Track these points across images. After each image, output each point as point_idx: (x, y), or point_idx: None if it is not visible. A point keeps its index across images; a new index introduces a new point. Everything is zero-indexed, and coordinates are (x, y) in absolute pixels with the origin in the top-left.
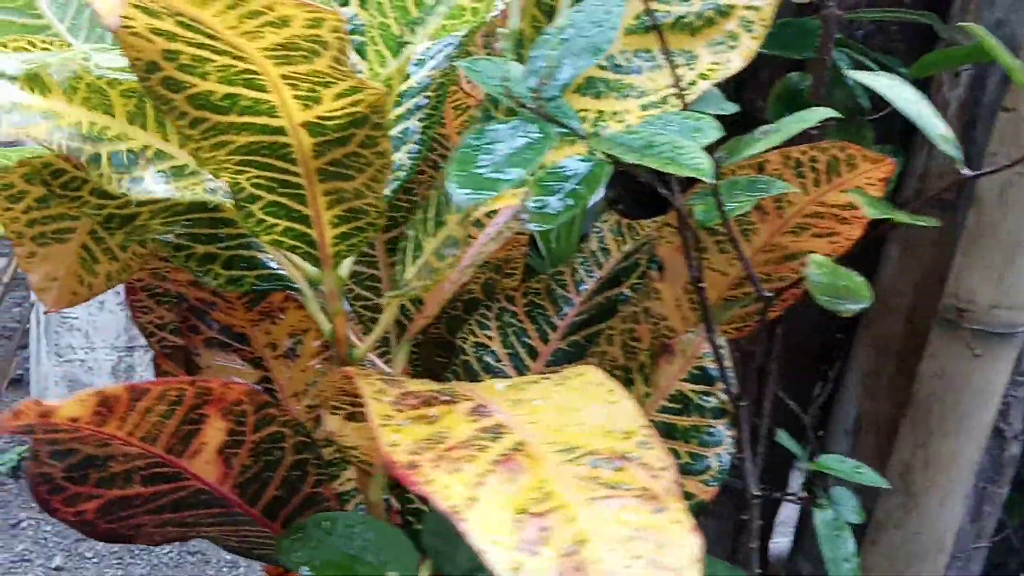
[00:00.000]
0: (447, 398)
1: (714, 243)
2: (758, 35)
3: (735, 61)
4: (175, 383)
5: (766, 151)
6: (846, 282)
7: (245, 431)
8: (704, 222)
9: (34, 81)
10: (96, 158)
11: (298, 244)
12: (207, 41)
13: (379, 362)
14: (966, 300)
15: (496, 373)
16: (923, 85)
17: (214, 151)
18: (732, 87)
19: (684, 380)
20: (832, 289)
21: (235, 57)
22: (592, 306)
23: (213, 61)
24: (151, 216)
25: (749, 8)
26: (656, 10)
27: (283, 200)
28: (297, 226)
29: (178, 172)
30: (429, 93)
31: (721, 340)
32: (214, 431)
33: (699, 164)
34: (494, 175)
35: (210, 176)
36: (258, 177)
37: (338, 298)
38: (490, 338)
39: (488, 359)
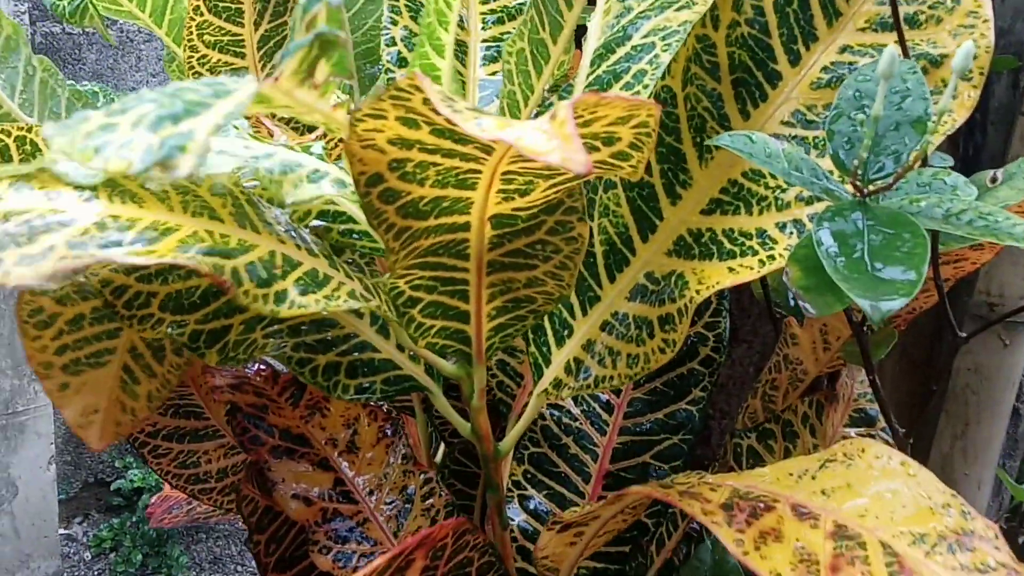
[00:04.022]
0: (762, 505)
1: None
2: (977, 84)
3: (957, 112)
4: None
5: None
6: None
7: (439, 565)
8: None
9: (114, 188)
10: (236, 274)
11: (450, 343)
12: (451, 146)
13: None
14: (997, 295)
15: (577, 434)
16: None
17: (406, 259)
18: None
19: (846, 425)
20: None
21: (465, 158)
22: None
23: (438, 165)
24: (246, 328)
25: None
26: (851, 62)
27: (443, 299)
28: (453, 324)
29: (313, 279)
30: None
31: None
32: (413, 573)
33: (1020, 231)
34: (886, 277)
35: (345, 279)
36: (420, 278)
37: (484, 394)
38: (562, 398)
39: (567, 420)
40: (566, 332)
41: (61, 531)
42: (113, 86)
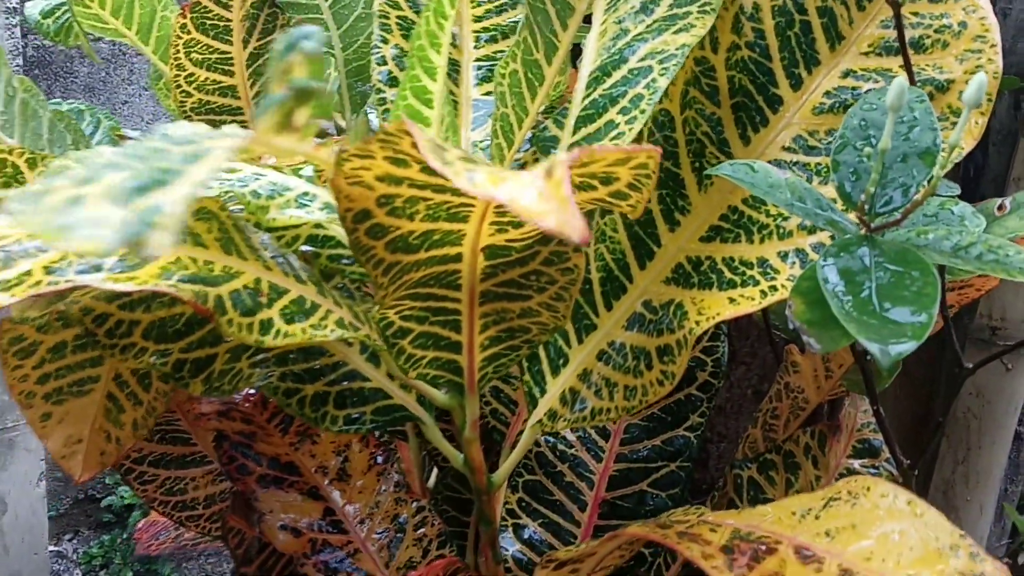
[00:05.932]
0: (763, 547)
1: None
2: (985, 111)
3: (964, 140)
4: None
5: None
6: None
7: None
8: None
9: None
10: (220, 302)
11: (441, 373)
12: (442, 181)
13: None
14: (999, 318)
15: (572, 461)
16: None
17: (396, 292)
18: None
19: (849, 456)
20: None
21: (458, 192)
22: None
23: (429, 200)
24: (232, 357)
25: (969, 81)
26: (854, 87)
27: (434, 329)
28: (444, 354)
29: (300, 307)
30: None
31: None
32: None
33: None
34: (895, 318)
35: (334, 307)
36: (411, 309)
37: (476, 425)
38: (558, 430)
39: (562, 447)
40: (561, 361)
41: (51, 548)
42: (105, 99)
